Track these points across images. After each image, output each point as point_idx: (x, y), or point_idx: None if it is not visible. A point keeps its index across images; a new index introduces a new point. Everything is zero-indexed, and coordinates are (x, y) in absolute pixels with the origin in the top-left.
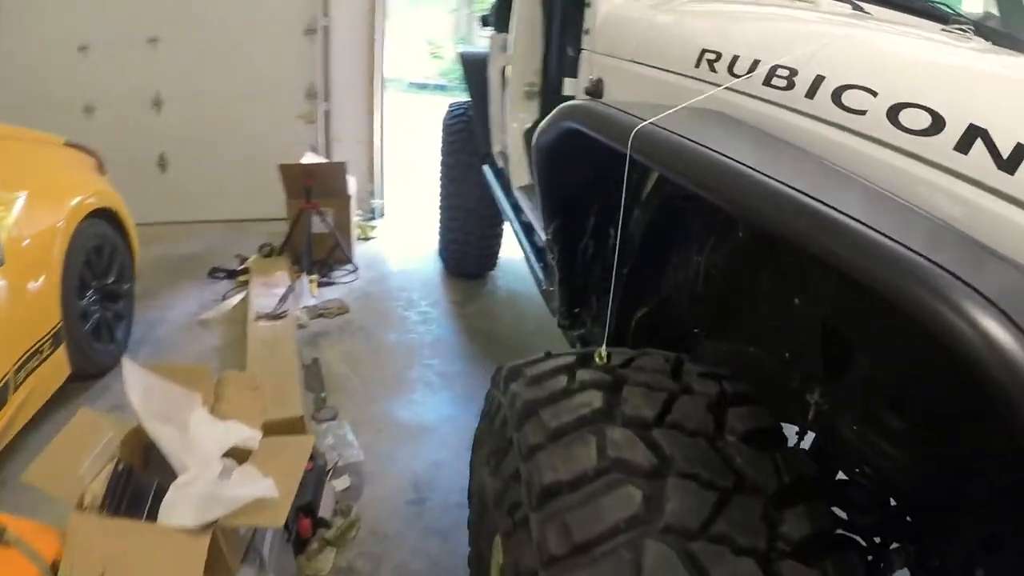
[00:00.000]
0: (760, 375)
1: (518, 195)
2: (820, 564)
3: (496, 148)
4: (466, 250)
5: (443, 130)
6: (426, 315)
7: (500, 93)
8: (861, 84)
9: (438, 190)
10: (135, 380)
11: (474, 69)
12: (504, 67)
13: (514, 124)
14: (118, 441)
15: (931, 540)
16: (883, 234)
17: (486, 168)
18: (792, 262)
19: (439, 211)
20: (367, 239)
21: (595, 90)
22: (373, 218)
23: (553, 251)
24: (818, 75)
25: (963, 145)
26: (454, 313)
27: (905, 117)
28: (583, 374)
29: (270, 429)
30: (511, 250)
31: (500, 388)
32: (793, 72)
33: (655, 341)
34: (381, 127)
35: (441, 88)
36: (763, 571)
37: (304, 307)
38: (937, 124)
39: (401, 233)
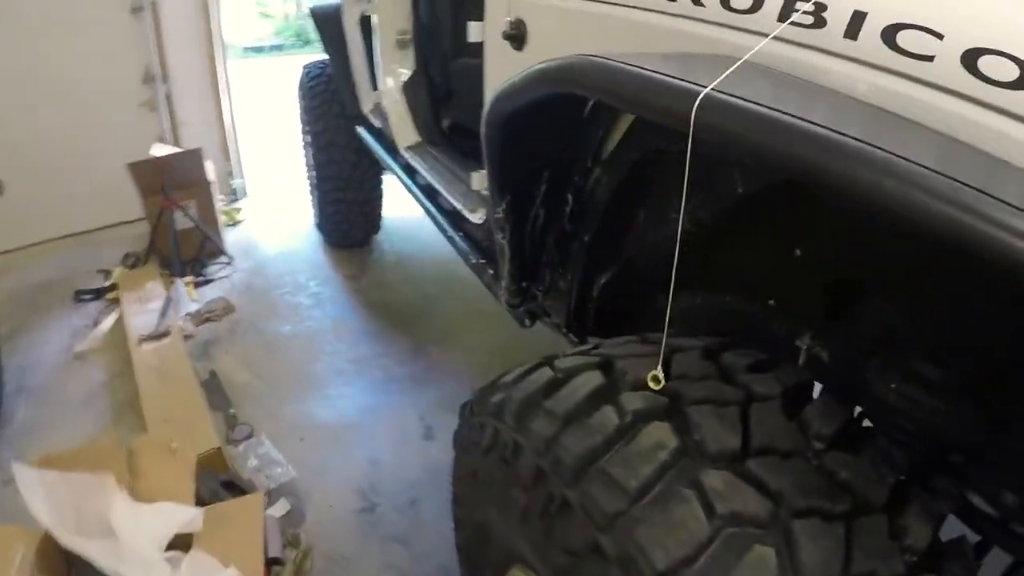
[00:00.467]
0: (739, 323)
1: (408, 156)
2: (947, 568)
3: (367, 106)
4: (349, 218)
5: (302, 95)
6: (318, 297)
7: (362, 46)
8: (921, 24)
9: (306, 160)
10: (32, 485)
11: (329, 24)
12: (362, 17)
13: (389, 79)
14: (32, 554)
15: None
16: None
17: (360, 130)
18: (798, 215)
19: (311, 182)
20: (235, 224)
21: (515, 34)
22: (237, 200)
23: (504, 230)
24: (857, 10)
25: None
26: (348, 289)
27: (986, 65)
28: (630, 401)
29: None
30: (391, 207)
31: (507, 422)
32: (820, 6)
33: (617, 306)
34: (230, 101)
35: (277, 48)
36: None
37: (186, 315)
38: None
39: (270, 211)
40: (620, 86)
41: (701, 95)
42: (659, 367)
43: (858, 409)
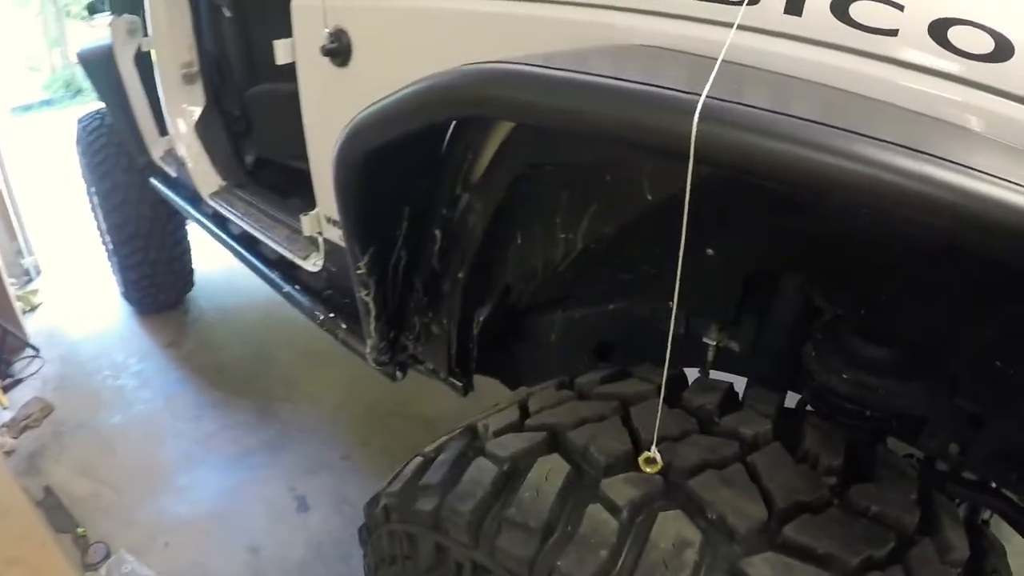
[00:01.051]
0: (627, 330)
1: (216, 204)
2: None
3: (158, 154)
4: (156, 281)
5: (82, 152)
6: (142, 375)
7: (141, 87)
8: None
9: (97, 223)
10: None
11: (100, 68)
12: (138, 53)
13: (178, 120)
14: None
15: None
16: None
17: (154, 181)
18: (712, 214)
19: (107, 248)
20: (34, 308)
21: (337, 48)
22: (31, 280)
23: (368, 286)
24: None
25: None
26: (173, 359)
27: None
28: (618, 493)
29: None
30: (200, 258)
31: (458, 539)
32: None
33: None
34: (3, 172)
35: (47, 104)
36: None
37: (1, 427)
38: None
39: (70, 287)
40: (574, 104)
41: (699, 105)
42: (654, 447)
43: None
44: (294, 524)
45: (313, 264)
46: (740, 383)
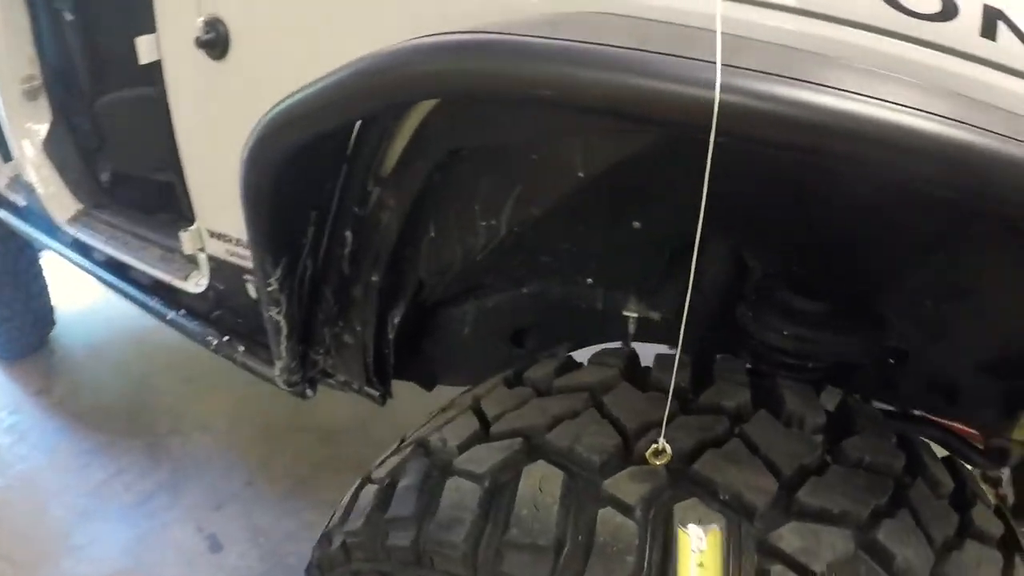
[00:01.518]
0: (542, 312)
1: (75, 230)
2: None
3: (2, 183)
4: (14, 324)
5: None
6: (16, 429)
7: None
8: None
9: None
10: None
11: None
12: None
13: (24, 141)
14: None
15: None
16: None
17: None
18: (640, 186)
19: None
20: None
21: (214, 39)
22: None
23: (279, 303)
24: None
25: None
26: (46, 407)
27: None
28: (628, 493)
29: None
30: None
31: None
32: None
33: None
34: None
35: None
36: None
37: None
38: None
39: None
40: (571, 79)
41: (718, 80)
42: (661, 438)
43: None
44: (210, 566)
45: (196, 285)
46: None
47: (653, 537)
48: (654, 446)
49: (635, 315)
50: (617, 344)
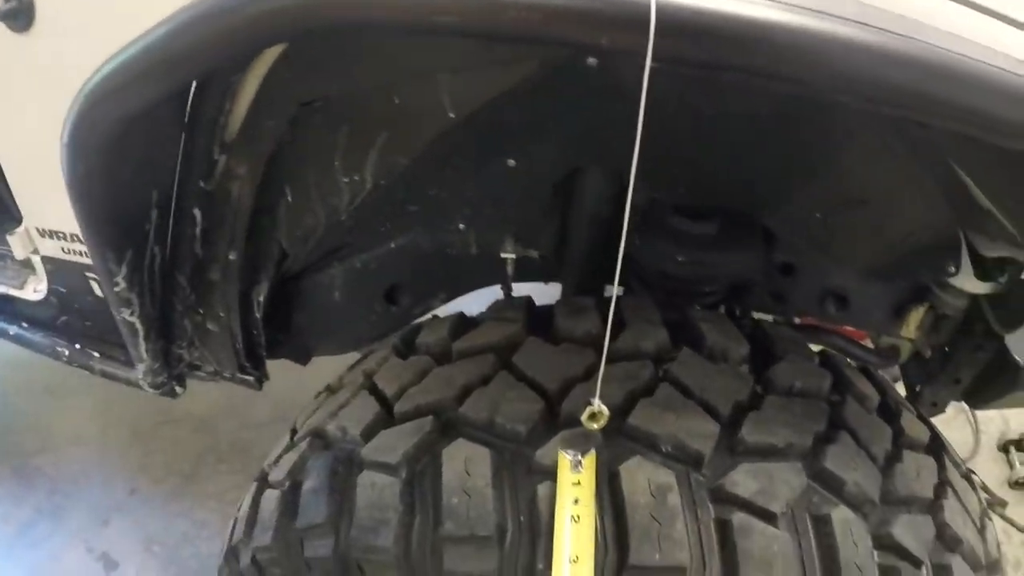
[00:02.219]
0: (415, 266)
1: None
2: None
3: None
4: None
5: None
6: None
7: None
8: None
9: None
10: None
11: None
12: None
13: None
14: None
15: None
16: None
17: None
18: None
19: None
20: None
21: (16, 9)
22: None
23: (131, 303)
24: None
25: None
26: None
27: None
28: (576, 445)
29: None
30: None
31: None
32: None
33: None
34: None
35: None
36: None
37: None
38: None
39: None
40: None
41: None
42: (595, 398)
43: None
44: None
45: (35, 291)
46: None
47: (601, 505)
48: (589, 409)
49: (513, 256)
50: (496, 288)
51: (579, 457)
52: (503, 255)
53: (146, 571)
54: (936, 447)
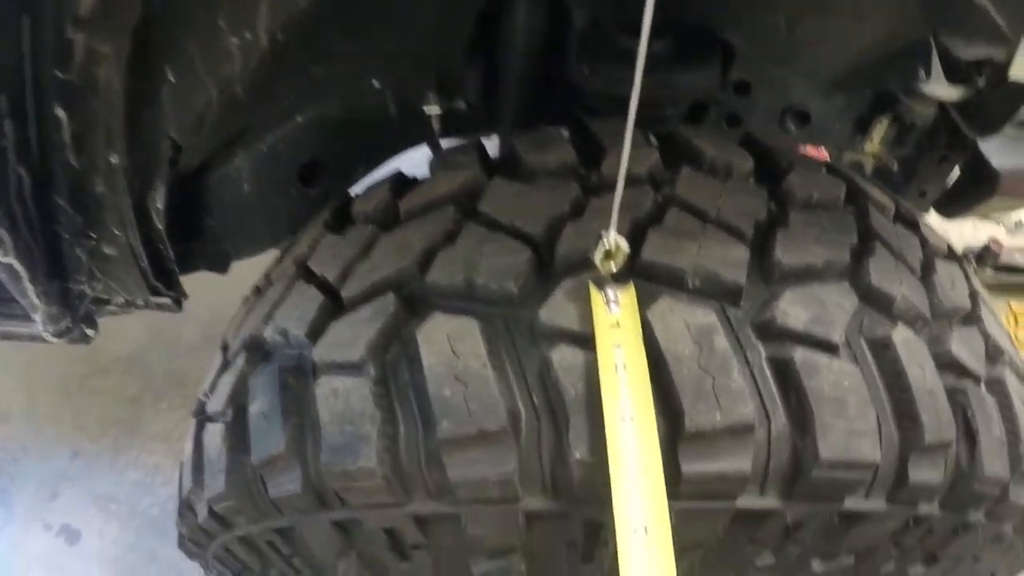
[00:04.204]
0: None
1: None
2: None
3: None
4: None
5: None
6: None
7: None
8: None
9: None
10: None
11: None
12: None
13: None
14: None
15: None
16: None
17: None
18: None
19: None
20: None
21: None
22: None
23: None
24: None
25: None
26: None
27: None
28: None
29: None
30: None
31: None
32: None
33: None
34: None
35: None
36: None
37: None
38: None
39: None
40: None
41: None
42: (612, 230)
43: None
44: (78, 559)
45: None
46: None
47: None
48: (602, 245)
49: (437, 111)
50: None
51: (615, 293)
52: (426, 111)
53: (109, 532)
54: (955, 254)
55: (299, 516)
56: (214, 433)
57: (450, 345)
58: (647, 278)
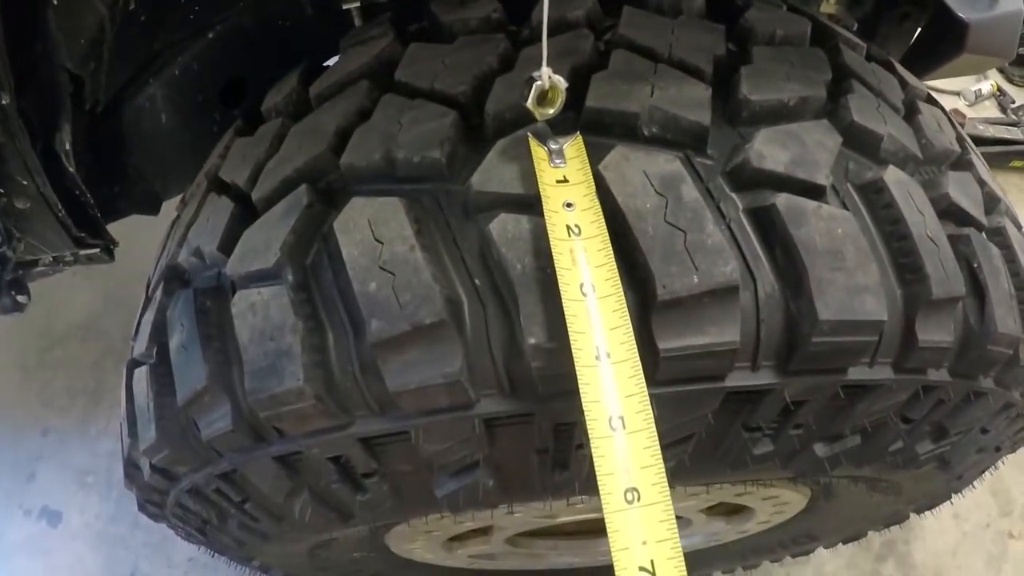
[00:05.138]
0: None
1: None
2: None
3: None
4: None
5: None
6: None
7: None
8: None
9: None
10: None
11: None
12: None
13: None
14: None
15: None
16: None
17: None
18: None
19: None
20: None
21: None
22: None
23: None
24: None
25: None
26: None
27: None
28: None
29: None
30: None
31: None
32: None
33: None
34: None
35: None
36: None
37: None
38: None
39: None
40: None
41: None
42: (544, 66)
43: None
44: (62, 540)
45: None
46: None
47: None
48: (536, 87)
49: (357, 4)
50: None
51: (559, 145)
52: (345, 6)
53: (90, 507)
54: (934, 100)
55: (237, 456)
56: (140, 378)
57: (372, 231)
58: (595, 130)
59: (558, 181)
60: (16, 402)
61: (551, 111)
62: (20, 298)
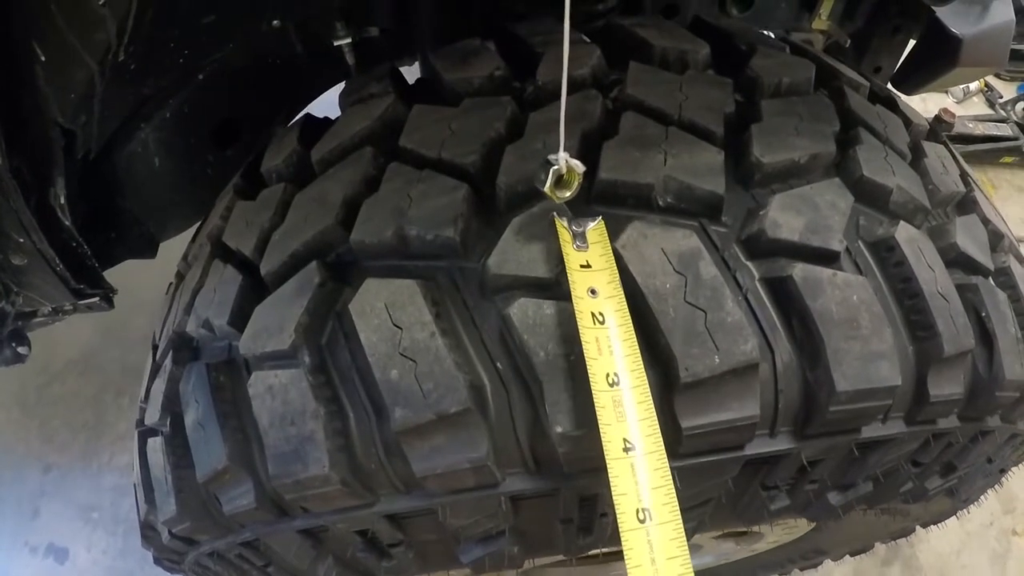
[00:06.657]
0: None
1: None
2: None
3: None
4: None
5: None
6: None
7: None
8: None
9: None
10: None
11: None
12: None
13: None
14: None
15: None
16: None
17: None
18: None
19: None
20: None
21: None
22: None
23: None
24: None
25: None
26: None
27: None
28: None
29: None
30: None
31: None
32: None
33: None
34: None
35: None
36: None
37: None
38: None
39: None
40: None
41: None
42: (561, 150)
43: None
44: None
45: None
46: None
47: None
48: (553, 170)
49: (348, 42)
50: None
51: (582, 228)
52: (336, 43)
53: (97, 543)
54: (934, 129)
55: (261, 528)
56: (155, 448)
57: (389, 316)
58: (609, 201)
59: (582, 266)
60: (17, 439)
61: (568, 194)
62: (20, 349)
